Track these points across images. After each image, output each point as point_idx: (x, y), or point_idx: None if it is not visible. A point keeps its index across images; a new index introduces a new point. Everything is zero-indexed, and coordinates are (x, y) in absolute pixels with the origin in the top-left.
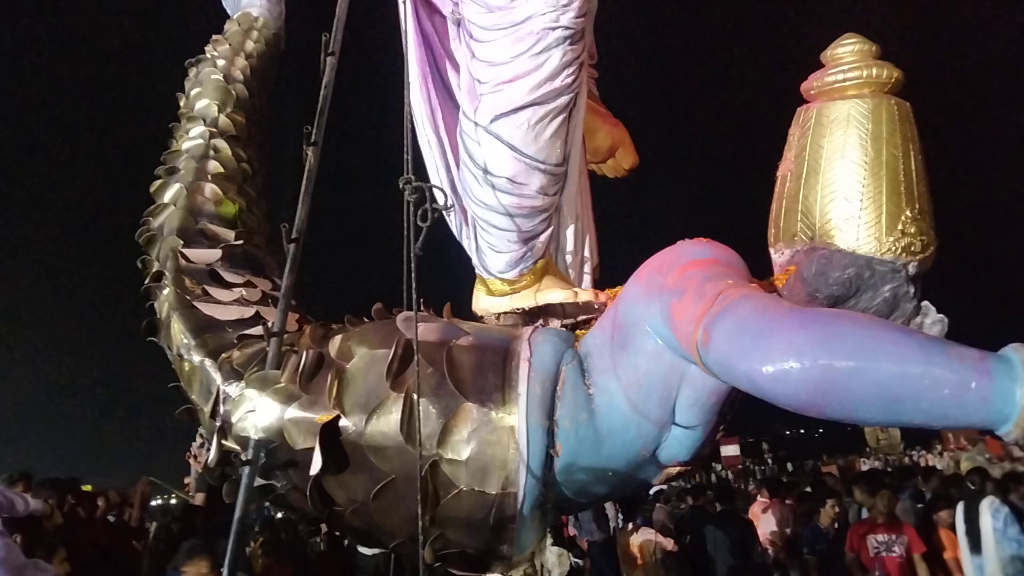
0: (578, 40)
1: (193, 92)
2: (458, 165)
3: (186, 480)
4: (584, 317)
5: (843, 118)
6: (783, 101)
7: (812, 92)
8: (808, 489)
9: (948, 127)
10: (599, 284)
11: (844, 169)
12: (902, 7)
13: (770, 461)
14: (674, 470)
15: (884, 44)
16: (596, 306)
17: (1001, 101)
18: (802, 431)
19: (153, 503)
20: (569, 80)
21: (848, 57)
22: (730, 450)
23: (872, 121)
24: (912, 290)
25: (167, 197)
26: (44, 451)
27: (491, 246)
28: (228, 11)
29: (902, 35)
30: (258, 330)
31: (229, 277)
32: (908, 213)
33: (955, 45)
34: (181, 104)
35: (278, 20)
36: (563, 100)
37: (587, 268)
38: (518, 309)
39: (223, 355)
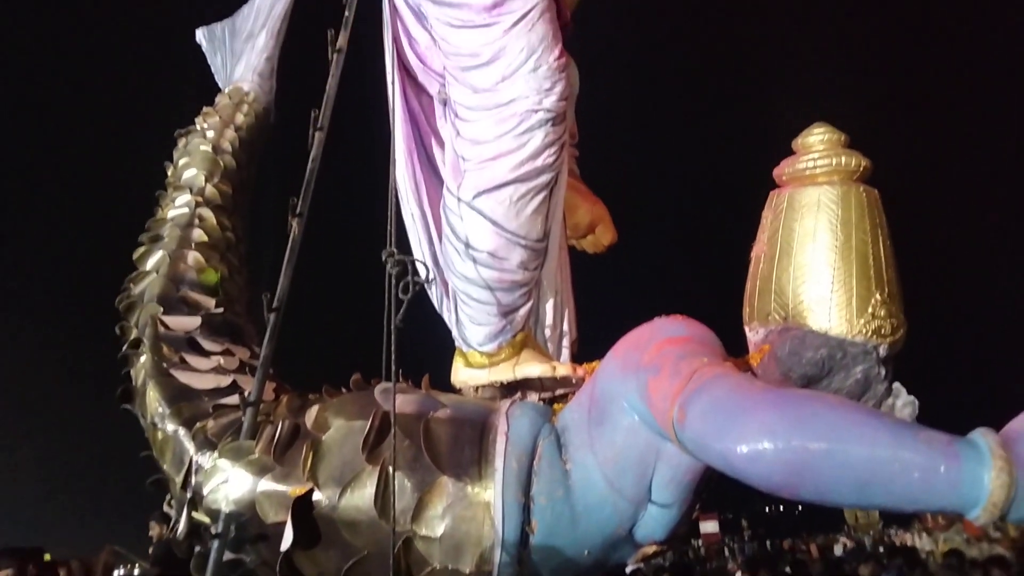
0: (559, 122)
1: (181, 162)
2: (440, 239)
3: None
4: (562, 391)
5: (814, 203)
6: (757, 184)
7: (784, 178)
8: (788, 570)
9: (916, 214)
10: (578, 358)
11: (815, 253)
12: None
13: (747, 538)
14: (650, 549)
15: (853, 132)
16: (574, 380)
17: (968, 188)
18: (781, 508)
19: (117, 573)
20: (550, 159)
21: (818, 145)
22: (709, 526)
23: (842, 207)
24: (883, 372)
25: (149, 264)
26: (3, 518)
27: (471, 319)
28: (220, 85)
29: (871, 123)
30: (234, 399)
31: (207, 345)
32: (878, 296)
33: (923, 133)
34: (168, 173)
35: (269, 95)
36: (544, 178)
37: (566, 342)
38: (497, 382)
39: (198, 424)
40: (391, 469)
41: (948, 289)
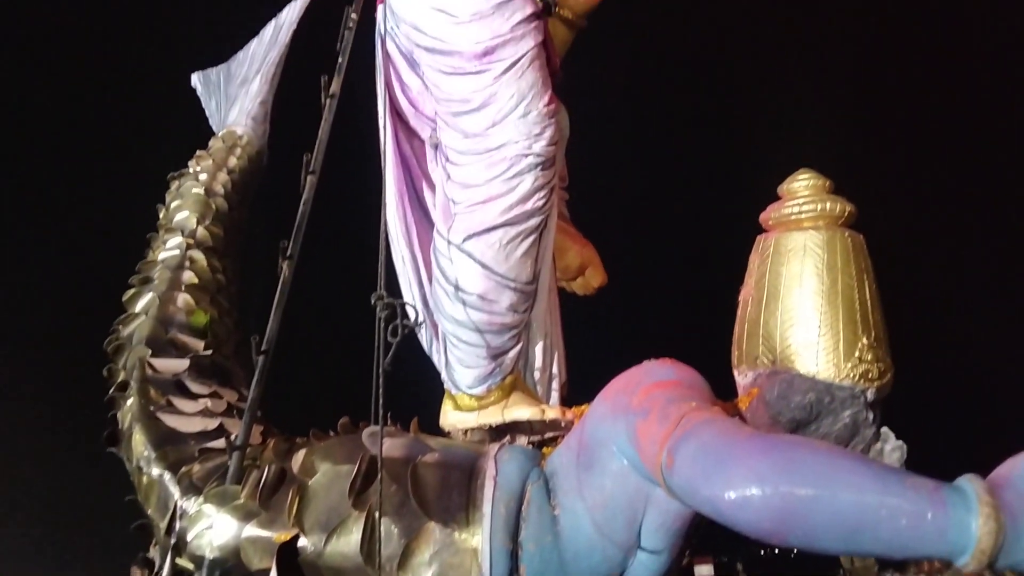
0: (549, 166)
1: (173, 204)
2: (431, 281)
3: None
4: (552, 434)
5: (800, 248)
6: (745, 228)
7: (770, 222)
8: None
9: (901, 258)
10: (567, 401)
11: (802, 297)
12: (855, 143)
13: None
14: None
15: (837, 178)
16: (563, 424)
17: (952, 233)
18: (777, 551)
19: None
20: (540, 203)
21: (803, 191)
22: (704, 570)
23: (827, 252)
24: (871, 416)
25: (139, 306)
26: None
27: (460, 361)
28: (214, 129)
29: (855, 168)
30: (221, 443)
31: (195, 388)
32: (864, 341)
33: (907, 178)
34: (160, 216)
35: (262, 138)
36: (534, 221)
37: (555, 385)
38: (486, 425)
39: (183, 469)
40: (377, 515)
41: (934, 333)
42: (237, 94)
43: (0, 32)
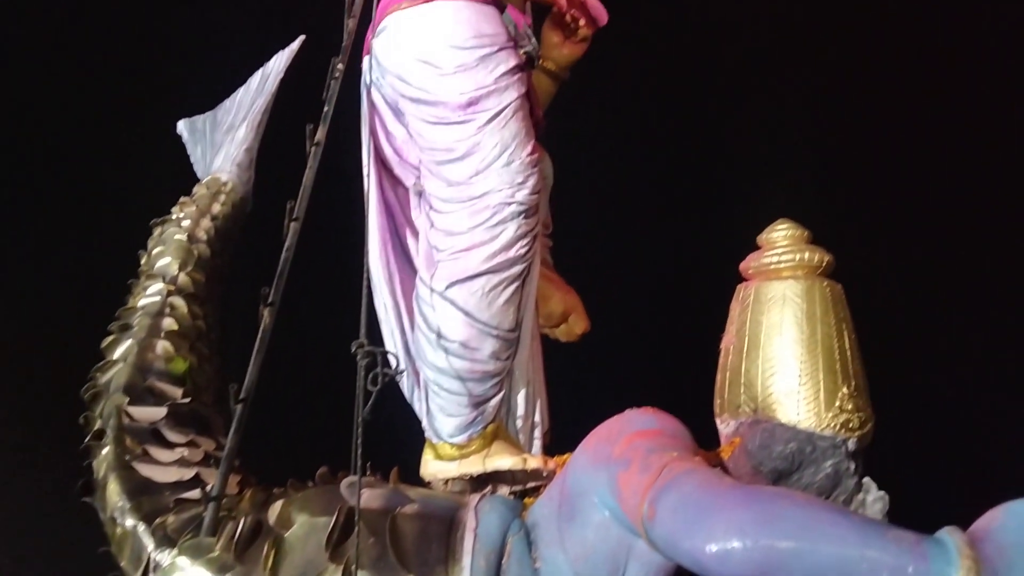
0: (532, 214)
1: (155, 251)
2: (413, 329)
3: None
4: (533, 484)
5: (779, 297)
6: (728, 275)
7: (750, 271)
8: None
9: (880, 308)
10: (550, 450)
11: (782, 346)
12: (833, 194)
13: None
14: None
15: (816, 228)
16: (545, 473)
17: (931, 286)
18: None
19: None
20: (523, 251)
21: (782, 241)
22: None
23: (806, 301)
24: (853, 466)
25: (117, 353)
26: None
27: (442, 409)
28: (198, 175)
29: (834, 219)
30: (196, 493)
31: (172, 437)
32: (845, 390)
33: (884, 228)
34: (142, 262)
35: (247, 185)
36: (517, 269)
37: (537, 433)
38: (467, 475)
39: (158, 520)
40: (355, 568)
41: (914, 383)
42: (223, 141)
43: None
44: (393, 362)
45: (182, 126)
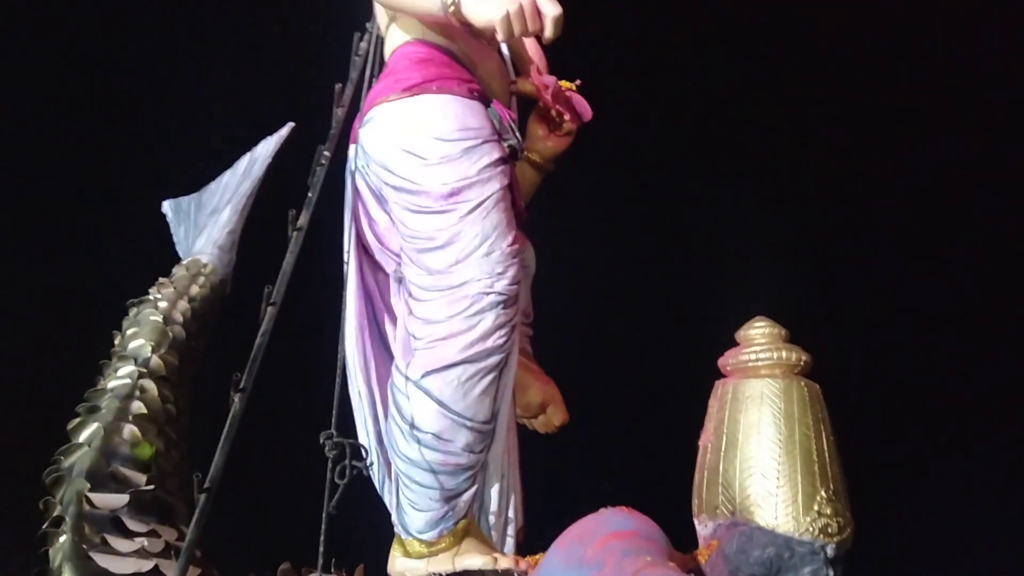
0: (511, 305)
1: (129, 331)
2: (387, 417)
3: None
4: None
5: (757, 396)
6: (707, 370)
7: (728, 368)
8: None
9: (857, 409)
10: (523, 548)
11: (760, 446)
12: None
13: None
14: None
15: (794, 326)
16: (517, 574)
17: (910, 389)
18: None
19: None
20: (501, 341)
21: (759, 339)
22: None
23: (784, 400)
24: (832, 573)
25: (83, 436)
26: None
27: (412, 503)
28: (180, 255)
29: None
30: None
31: (133, 525)
32: (823, 494)
33: (862, 327)
34: (116, 342)
35: (227, 267)
36: (494, 359)
37: (511, 530)
38: (436, 574)
39: None
40: None
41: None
42: (206, 223)
43: None
44: (363, 454)
45: (167, 206)
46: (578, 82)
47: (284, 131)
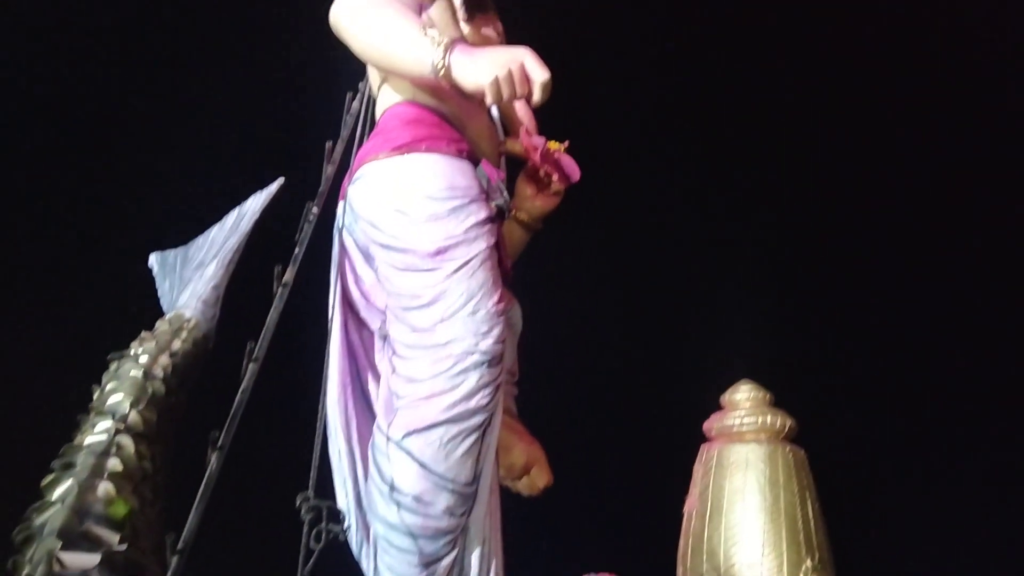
0: (495, 364)
1: (109, 386)
2: (367, 479)
3: None
4: None
5: (742, 461)
6: (693, 433)
7: (713, 432)
8: None
9: (844, 475)
10: None
11: (745, 513)
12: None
13: None
14: None
15: (779, 388)
16: None
17: (894, 450)
18: None
19: None
20: (484, 401)
21: (745, 403)
22: None
23: (769, 467)
24: None
25: (56, 494)
26: None
27: (390, 568)
28: (163, 309)
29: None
30: None
31: None
32: (809, 563)
33: (846, 390)
34: (94, 397)
35: (210, 322)
36: (477, 420)
37: None
38: None
39: None
40: None
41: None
42: (192, 277)
43: None
44: (342, 516)
45: (153, 259)
46: (567, 143)
47: (274, 187)
